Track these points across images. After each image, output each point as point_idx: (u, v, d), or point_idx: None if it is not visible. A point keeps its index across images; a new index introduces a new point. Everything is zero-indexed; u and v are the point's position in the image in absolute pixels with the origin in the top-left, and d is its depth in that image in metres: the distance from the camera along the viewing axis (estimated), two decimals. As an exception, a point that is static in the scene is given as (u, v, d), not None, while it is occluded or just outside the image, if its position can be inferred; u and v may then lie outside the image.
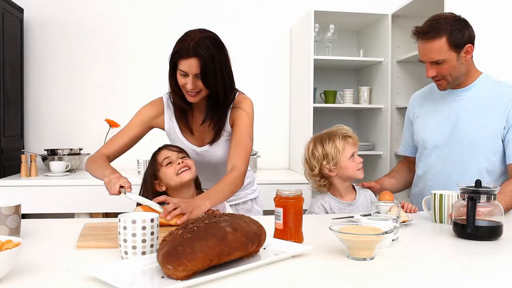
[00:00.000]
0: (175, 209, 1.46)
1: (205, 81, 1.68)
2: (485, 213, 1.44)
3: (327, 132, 1.97)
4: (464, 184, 1.50)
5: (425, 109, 2.07)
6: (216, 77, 1.70)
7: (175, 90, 1.78)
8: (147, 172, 1.77)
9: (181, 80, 1.71)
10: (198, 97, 1.75)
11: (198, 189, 1.82)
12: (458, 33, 1.83)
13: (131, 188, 1.53)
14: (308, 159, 1.97)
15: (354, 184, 2.03)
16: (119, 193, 1.52)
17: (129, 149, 1.86)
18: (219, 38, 1.73)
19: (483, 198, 1.44)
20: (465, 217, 1.42)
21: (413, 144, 2.15)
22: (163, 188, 1.73)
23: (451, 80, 1.91)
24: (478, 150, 1.90)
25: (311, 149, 1.96)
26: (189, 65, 1.66)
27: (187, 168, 1.71)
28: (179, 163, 1.71)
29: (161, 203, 1.55)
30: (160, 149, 1.78)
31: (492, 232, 1.43)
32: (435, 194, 1.69)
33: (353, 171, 1.92)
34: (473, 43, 1.87)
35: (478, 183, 1.48)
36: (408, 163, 2.21)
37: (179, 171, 1.70)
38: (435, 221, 1.69)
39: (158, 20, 3.60)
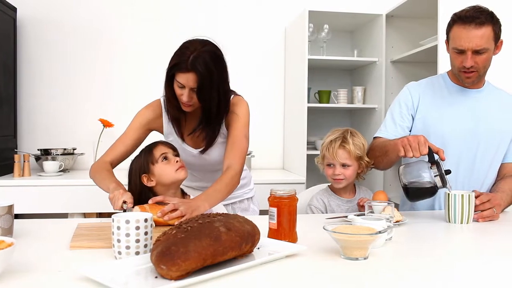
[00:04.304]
0: (173, 210, 1.46)
1: (199, 96, 1.69)
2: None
3: (334, 132, 2.03)
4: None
5: (435, 102, 1.97)
6: (212, 92, 1.70)
7: (170, 99, 1.77)
8: (135, 163, 1.74)
9: (177, 90, 1.71)
10: (192, 108, 1.76)
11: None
12: (499, 25, 1.82)
13: (132, 204, 1.53)
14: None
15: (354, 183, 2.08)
16: (122, 208, 1.52)
17: (131, 153, 1.85)
18: (220, 51, 1.73)
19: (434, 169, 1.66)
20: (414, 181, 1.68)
21: (404, 131, 1.99)
22: (152, 183, 1.71)
23: (482, 74, 1.89)
24: (489, 146, 1.93)
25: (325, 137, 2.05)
26: (187, 79, 1.66)
27: (183, 167, 1.73)
28: (177, 161, 1.72)
29: (159, 203, 1.55)
30: (155, 143, 1.76)
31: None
32: (455, 195, 1.67)
33: (328, 177, 2.00)
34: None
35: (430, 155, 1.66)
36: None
37: (177, 168, 1.71)
38: (454, 222, 1.67)
39: (153, 19, 3.59)
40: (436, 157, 1.68)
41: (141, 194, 1.69)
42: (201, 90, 1.67)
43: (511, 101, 2.00)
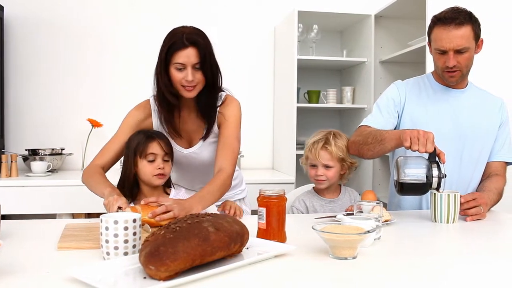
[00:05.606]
0: (166, 212, 1.45)
1: (204, 70, 1.69)
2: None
3: (318, 134, 2.05)
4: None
5: (421, 102, 1.99)
6: (212, 64, 1.71)
7: (168, 87, 1.73)
8: (132, 141, 1.75)
9: (177, 75, 1.68)
10: (195, 91, 1.73)
11: (168, 186, 1.86)
12: (478, 24, 1.85)
13: (127, 209, 1.52)
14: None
15: (340, 184, 2.09)
16: None
17: (122, 155, 1.83)
18: None
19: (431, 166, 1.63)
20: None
21: (389, 126, 1.99)
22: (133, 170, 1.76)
23: (465, 73, 1.91)
24: (474, 145, 1.95)
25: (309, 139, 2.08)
26: (187, 55, 1.65)
27: (163, 175, 1.74)
28: (159, 168, 1.73)
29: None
30: (154, 137, 1.75)
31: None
32: (441, 194, 1.68)
33: (311, 177, 2.03)
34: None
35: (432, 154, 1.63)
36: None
37: (155, 175, 1.73)
38: (440, 222, 1.68)
39: (142, 19, 3.57)
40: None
41: (132, 176, 1.75)
42: (204, 64, 1.68)
43: (493, 101, 2.03)
